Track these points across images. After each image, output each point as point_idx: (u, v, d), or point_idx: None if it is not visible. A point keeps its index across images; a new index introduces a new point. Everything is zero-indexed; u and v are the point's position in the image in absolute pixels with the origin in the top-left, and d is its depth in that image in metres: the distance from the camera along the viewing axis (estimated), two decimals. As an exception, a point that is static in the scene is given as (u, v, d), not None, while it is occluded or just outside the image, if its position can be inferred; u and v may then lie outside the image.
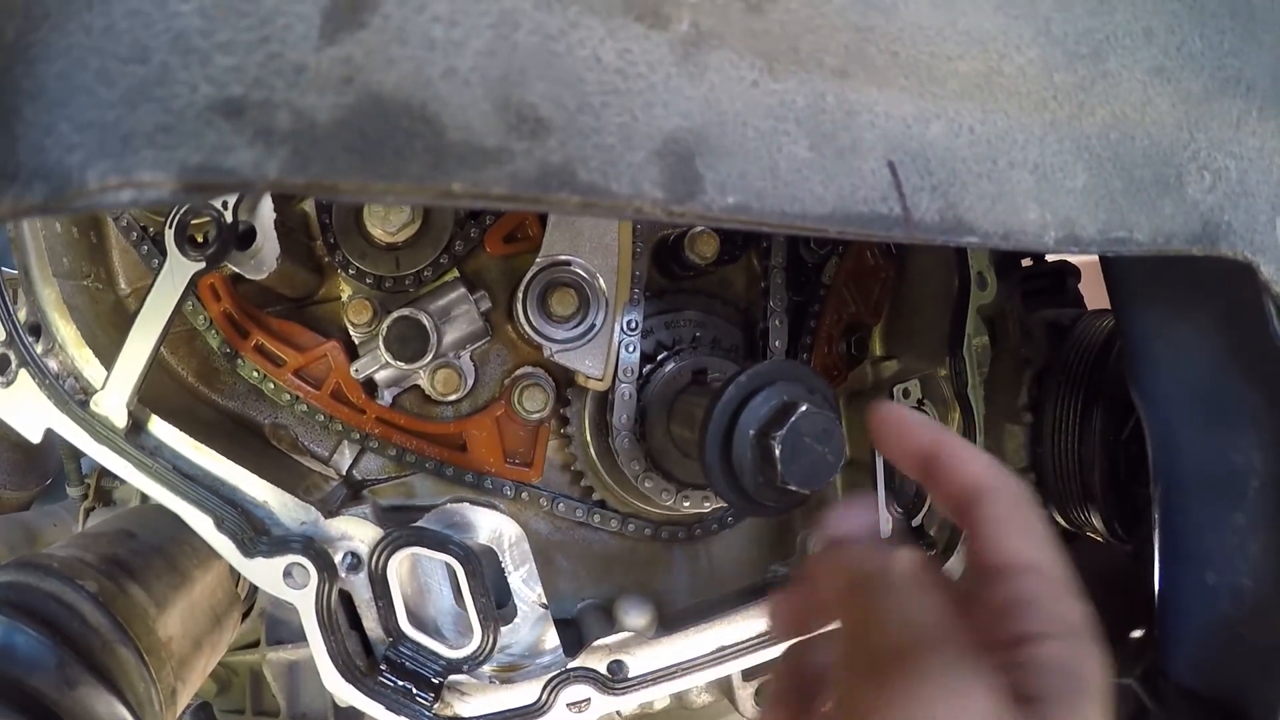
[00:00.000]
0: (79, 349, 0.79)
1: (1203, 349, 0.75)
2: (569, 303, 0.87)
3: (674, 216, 0.55)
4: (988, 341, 0.94)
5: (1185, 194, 0.68)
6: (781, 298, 0.93)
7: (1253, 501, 0.73)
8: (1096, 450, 0.91)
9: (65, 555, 0.79)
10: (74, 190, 0.46)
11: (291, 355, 0.88)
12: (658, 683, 0.86)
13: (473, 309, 0.88)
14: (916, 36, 0.63)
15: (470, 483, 0.90)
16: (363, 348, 0.88)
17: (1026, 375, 0.96)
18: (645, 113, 0.55)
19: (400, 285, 0.89)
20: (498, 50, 0.53)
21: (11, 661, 0.71)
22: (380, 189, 0.50)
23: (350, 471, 0.92)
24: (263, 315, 0.88)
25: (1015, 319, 0.98)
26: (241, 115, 0.49)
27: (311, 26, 0.50)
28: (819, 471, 0.79)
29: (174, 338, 0.87)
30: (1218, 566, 0.75)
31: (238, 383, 0.91)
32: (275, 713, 1.02)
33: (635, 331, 0.89)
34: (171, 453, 0.80)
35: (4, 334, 0.78)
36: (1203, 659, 0.77)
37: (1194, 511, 0.77)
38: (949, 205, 0.64)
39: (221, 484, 0.81)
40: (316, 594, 0.80)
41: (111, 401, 0.78)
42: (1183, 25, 0.69)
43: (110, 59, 0.47)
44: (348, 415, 0.89)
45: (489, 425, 0.91)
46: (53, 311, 0.79)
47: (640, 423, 0.90)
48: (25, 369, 0.78)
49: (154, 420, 0.80)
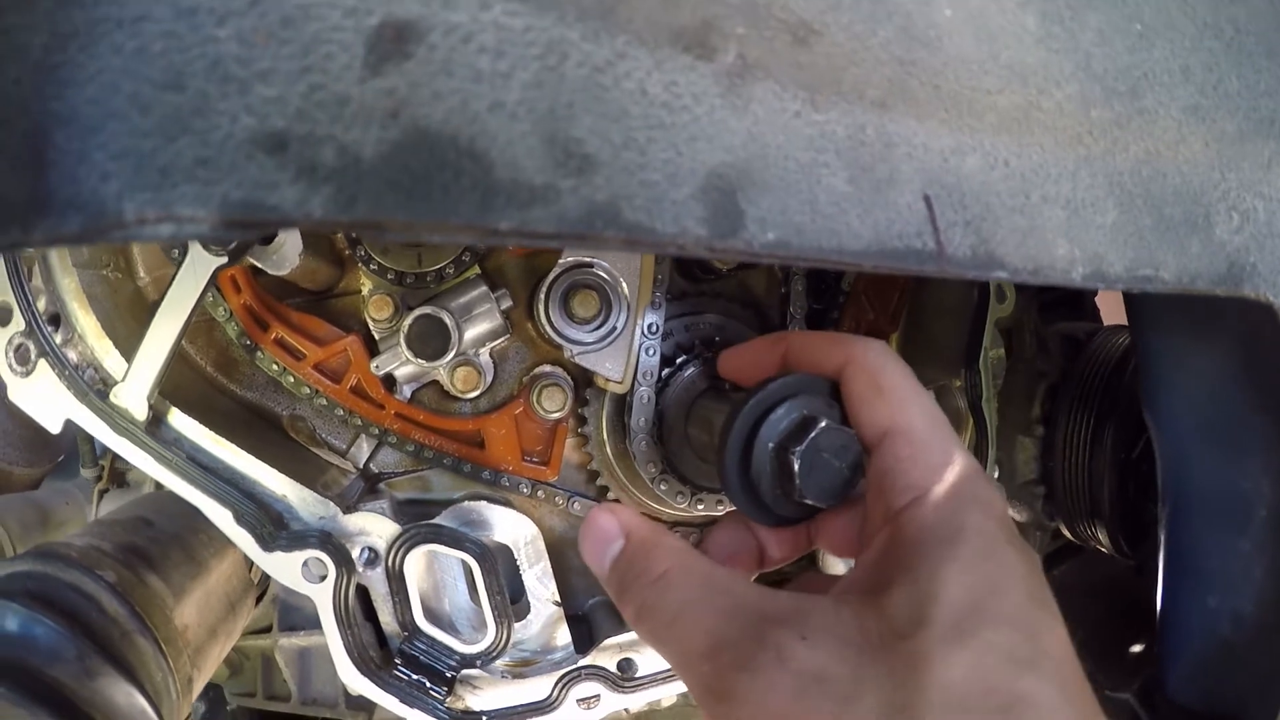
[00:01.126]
0: (99, 340, 0.79)
1: (1218, 376, 0.76)
2: (591, 305, 0.87)
3: (715, 254, 0.55)
4: (1003, 353, 0.94)
5: (1213, 234, 0.69)
6: (801, 304, 0.94)
7: (1259, 528, 0.75)
8: (1107, 467, 0.92)
9: (83, 544, 0.79)
10: (111, 222, 0.44)
11: (311, 349, 0.88)
12: (667, 682, 0.88)
13: (494, 307, 0.88)
14: (959, 70, 0.62)
15: (487, 479, 0.91)
16: (383, 344, 0.88)
17: (1040, 388, 0.97)
18: (689, 147, 0.54)
19: (421, 281, 0.88)
20: (545, 82, 0.52)
21: (32, 652, 0.72)
22: (427, 227, 0.50)
23: (367, 465, 0.92)
24: (283, 308, 0.88)
25: (1031, 330, 0.98)
26: (284, 150, 0.48)
27: (355, 56, 0.49)
28: (836, 486, 0.79)
29: (193, 327, 0.86)
30: (1220, 590, 0.77)
31: (256, 374, 0.91)
32: (286, 697, 1.04)
33: (656, 335, 0.89)
34: (191, 445, 0.81)
35: (24, 324, 0.78)
36: (1200, 679, 0.79)
37: (1200, 534, 0.79)
38: (981, 240, 0.64)
39: (241, 477, 0.81)
40: (334, 588, 0.81)
41: (132, 394, 0.78)
42: (1220, 64, 0.68)
43: (144, 84, 0.46)
44: (367, 410, 0.89)
45: (507, 423, 0.91)
46: (72, 301, 0.79)
47: (658, 425, 0.90)
48: (45, 359, 0.78)
49: (174, 412, 0.80)
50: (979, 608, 0.44)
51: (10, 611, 0.70)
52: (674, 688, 0.89)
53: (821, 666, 0.45)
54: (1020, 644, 0.44)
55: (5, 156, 0.47)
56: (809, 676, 0.45)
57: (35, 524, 1.13)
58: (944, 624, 0.43)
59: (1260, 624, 0.75)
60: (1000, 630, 0.43)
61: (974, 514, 0.48)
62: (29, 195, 0.46)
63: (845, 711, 0.43)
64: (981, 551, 0.46)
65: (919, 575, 0.46)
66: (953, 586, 0.45)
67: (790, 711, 0.44)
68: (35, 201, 0.46)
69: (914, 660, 0.43)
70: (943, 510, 0.48)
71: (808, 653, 0.45)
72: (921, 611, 0.44)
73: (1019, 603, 0.45)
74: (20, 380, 0.76)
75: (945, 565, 0.46)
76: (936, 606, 0.44)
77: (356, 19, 0.49)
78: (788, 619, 0.47)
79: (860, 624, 0.46)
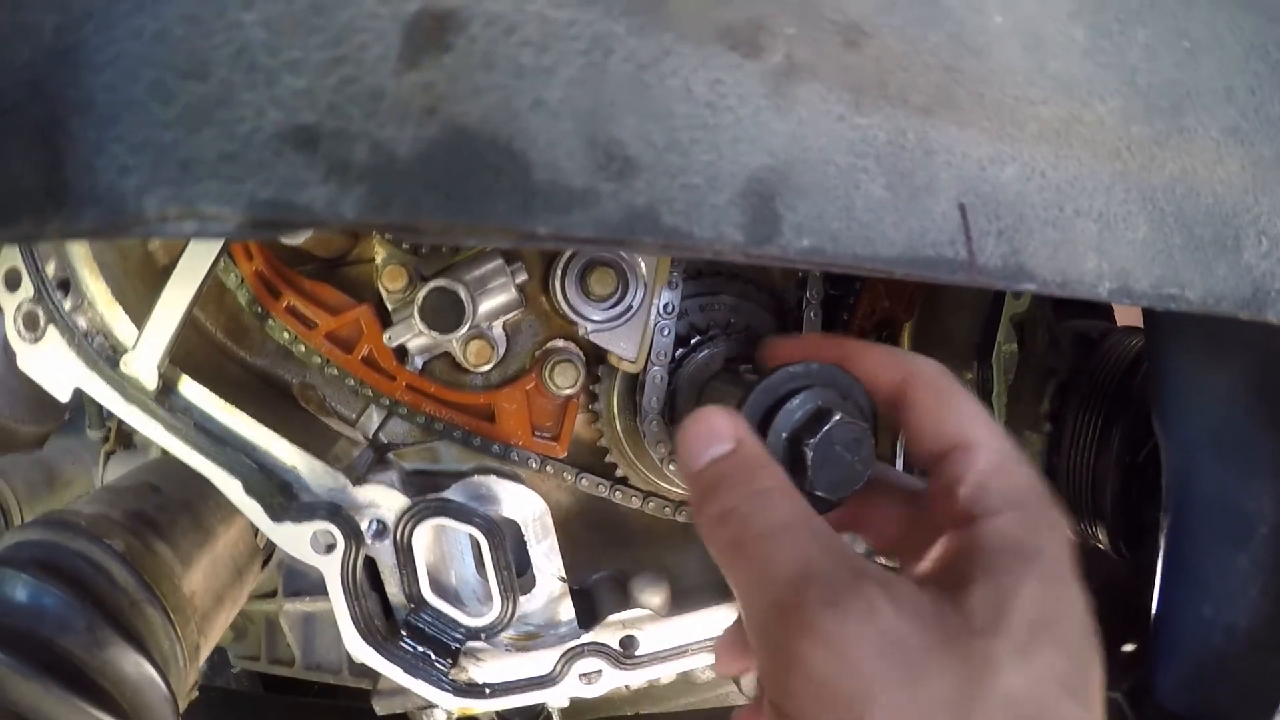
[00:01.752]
0: (109, 306, 0.77)
1: (1231, 394, 0.77)
2: (608, 282, 0.86)
3: (750, 259, 0.54)
4: (1016, 349, 0.94)
5: (1241, 257, 0.68)
6: (818, 289, 0.93)
7: (1259, 546, 0.76)
8: (1111, 468, 0.93)
9: (92, 513, 0.79)
10: (130, 218, 0.43)
11: (323, 318, 0.87)
12: (668, 660, 0.90)
13: (509, 281, 0.87)
14: (1005, 79, 0.61)
15: (497, 453, 0.91)
16: (396, 315, 0.87)
17: (1050, 385, 0.97)
18: (732, 149, 0.53)
19: (436, 252, 0.87)
20: (588, 80, 0.51)
21: (41, 622, 0.72)
22: (464, 230, 0.48)
23: (377, 435, 0.92)
24: (295, 276, 0.87)
25: (1045, 326, 0.98)
26: (315, 147, 0.46)
27: (390, 47, 0.47)
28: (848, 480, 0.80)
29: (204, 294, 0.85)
30: (1216, 601, 0.78)
31: (267, 342, 0.90)
32: (290, 662, 1.05)
33: (671, 315, 0.88)
34: (201, 414, 0.80)
35: (33, 290, 0.76)
36: (1190, 685, 0.81)
37: (1200, 546, 0.80)
38: (1013, 251, 0.64)
39: (251, 447, 0.81)
40: (342, 560, 0.81)
41: (142, 362, 0.77)
42: (1264, 87, 0.67)
43: (166, 71, 0.44)
44: (378, 381, 0.88)
45: (519, 398, 0.91)
46: (82, 267, 0.77)
47: (670, 406, 0.90)
48: (54, 326, 0.76)
49: (184, 380, 0.79)
50: (1047, 627, 0.45)
51: (19, 581, 0.70)
52: (675, 666, 0.91)
53: (904, 635, 0.45)
54: (1072, 672, 0.45)
55: (18, 142, 0.45)
56: (891, 639, 0.45)
57: (41, 484, 1.12)
58: (1017, 635, 0.44)
59: (1252, 638, 0.76)
60: (1060, 654, 0.45)
61: (1052, 539, 0.49)
62: (43, 186, 0.44)
63: (914, 687, 0.44)
64: (1055, 576, 0.47)
65: (1001, 583, 0.46)
66: (1029, 601, 0.45)
67: (866, 667, 0.44)
68: (50, 193, 0.44)
69: (985, 661, 0.44)
70: (1025, 527, 0.49)
71: (895, 617, 0.45)
72: (999, 617, 0.45)
73: (1077, 632, 0.47)
74: (29, 347, 0.75)
75: (1025, 580, 0.46)
76: (1013, 616, 0.45)
77: (393, 6, 0.47)
78: (879, 579, 0.47)
79: (938, 609, 0.46)
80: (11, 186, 0.45)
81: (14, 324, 0.75)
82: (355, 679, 1.05)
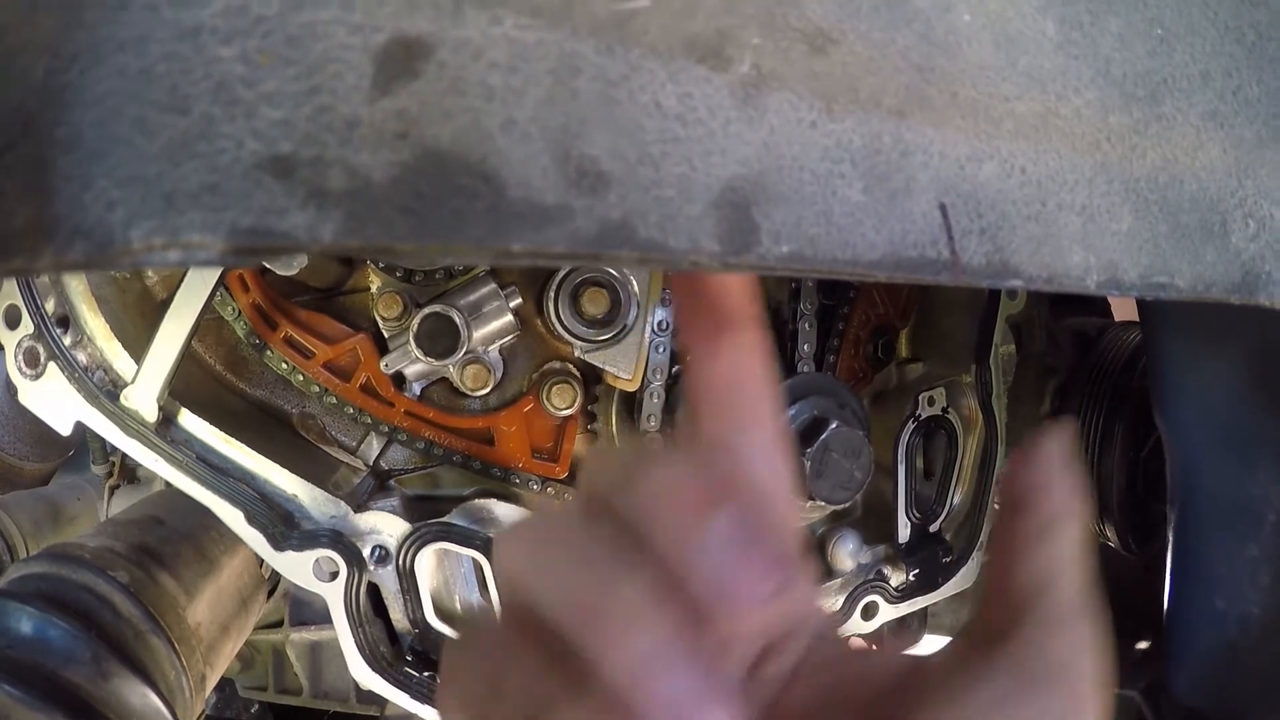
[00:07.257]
0: (108, 341, 0.79)
1: (1230, 382, 0.76)
2: (601, 302, 0.87)
3: (729, 268, 0.54)
4: (1014, 350, 0.94)
5: (1229, 241, 0.68)
6: (812, 300, 0.93)
7: (1268, 535, 0.75)
8: (1116, 465, 0.92)
9: (96, 545, 0.80)
10: (117, 250, 0.43)
11: (320, 348, 0.88)
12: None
13: (503, 305, 0.88)
14: (977, 77, 0.61)
15: (497, 476, 0.91)
16: (392, 342, 0.88)
17: (1050, 385, 0.97)
18: (704, 161, 0.53)
19: (430, 279, 0.88)
20: (558, 98, 0.51)
21: (46, 654, 0.72)
22: (439, 251, 0.49)
23: (377, 462, 0.93)
24: (291, 307, 0.88)
25: (1042, 326, 0.98)
26: (292, 175, 0.47)
27: (363, 76, 0.48)
28: (846, 487, 0.80)
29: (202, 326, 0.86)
30: (1227, 593, 0.77)
31: (266, 372, 0.91)
32: (298, 691, 1.06)
33: (666, 332, 0.89)
34: (202, 445, 0.81)
35: (32, 327, 0.77)
36: (1206, 680, 0.79)
37: (1208, 538, 0.79)
38: (996, 248, 0.64)
39: (252, 477, 0.82)
40: (345, 587, 0.82)
41: (142, 395, 0.78)
42: (1241, 70, 0.67)
43: (149, 107, 0.45)
44: (377, 409, 0.89)
45: (517, 420, 0.91)
46: (81, 303, 0.78)
47: (669, 423, 0.90)
48: (54, 362, 0.77)
49: (184, 413, 0.80)
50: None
51: (24, 614, 0.71)
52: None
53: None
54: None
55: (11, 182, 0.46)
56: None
57: (47, 520, 1.13)
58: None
59: (1267, 628, 0.75)
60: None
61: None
62: (35, 222, 0.45)
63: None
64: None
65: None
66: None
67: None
68: (41, 229, 0.45)
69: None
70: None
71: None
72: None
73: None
74: (30, 383, 0.76)
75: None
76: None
77: (364, 36, 0.48)
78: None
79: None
80: (6, 224, 0.46)
81: (15, 361, 0.76)
82: (363, 706, 1.05)
